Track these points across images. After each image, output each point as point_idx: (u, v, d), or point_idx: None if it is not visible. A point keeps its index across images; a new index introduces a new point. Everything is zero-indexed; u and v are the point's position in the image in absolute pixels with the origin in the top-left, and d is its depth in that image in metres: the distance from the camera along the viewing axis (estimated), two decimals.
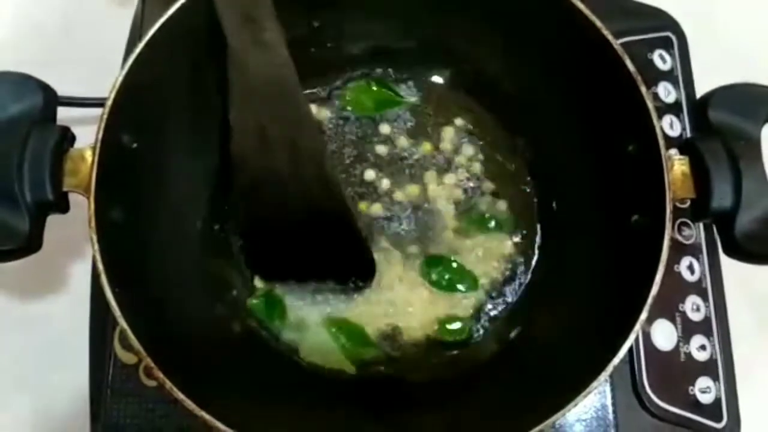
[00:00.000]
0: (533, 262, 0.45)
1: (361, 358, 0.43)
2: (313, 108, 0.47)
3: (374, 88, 0.48)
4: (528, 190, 0.46)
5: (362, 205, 0.46)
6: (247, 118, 0.39)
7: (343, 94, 0.48)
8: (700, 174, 0.35)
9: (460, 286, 0.44)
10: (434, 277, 0.44)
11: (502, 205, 0.46)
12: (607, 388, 0.41)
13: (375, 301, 0.44)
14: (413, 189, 0.46)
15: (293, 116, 0.40)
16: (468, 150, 0.47)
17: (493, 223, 0.46)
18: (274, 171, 0.40)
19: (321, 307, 0.44)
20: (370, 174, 0.47)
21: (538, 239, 0.46)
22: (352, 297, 0.44)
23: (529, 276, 0.45)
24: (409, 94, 0.48)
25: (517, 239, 0.46)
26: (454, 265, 0.45)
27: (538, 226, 0.46)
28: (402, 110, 0.48)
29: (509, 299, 0.44)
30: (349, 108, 0.48)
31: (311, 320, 0.43)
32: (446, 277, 0.44)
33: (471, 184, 0.47)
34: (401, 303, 0.44)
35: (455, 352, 0.43)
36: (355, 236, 0.42)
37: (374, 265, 0.43)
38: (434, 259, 0.45)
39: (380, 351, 0.43)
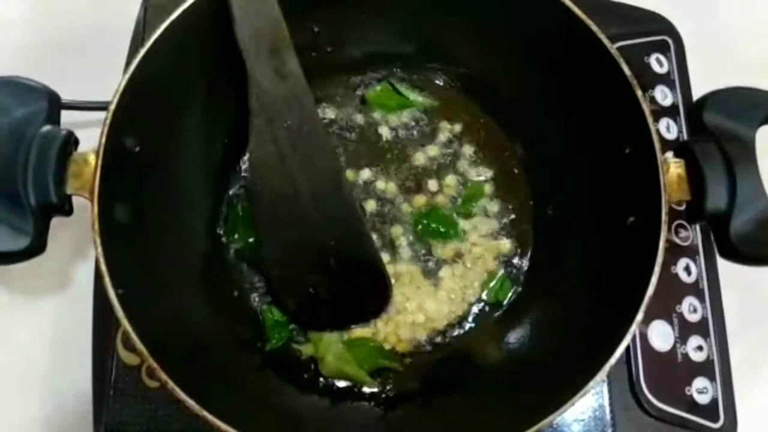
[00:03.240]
0: (530, 263, 0.46)
1: (379, 369, 0.43)
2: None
3: (396, 91, 0.49)
4: (525, 192, 0.47)
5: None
6: (268, 145, 0.40)
7: (369, 94, 0.49)
8: (695, 176, 0.36)
9: (443, 229, 0.46)
10: (420, 227, 0.46)
11: (498, 205, 0.47)
12: (605, 388, 0.41)
13: (388, 317, 0.44)
14: (410, 188, 0.47)
15: (312, 139, 0.41)
16: (466, 151, 0.48)
17: (490, 224, 0.46)
18: (294, 196, 0.41)
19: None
20: (365, 173, 0.47)
21: (534, 240, 0.46)
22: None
23: (525, 276, 0.45)
24: (410, 96, 0.49)
25: (513, 239, 0.46)
26: (439, 213, 0.46)
27: (535, 227, 0.46)
28: (409, 111, 0.48)
29: (506, 299, 0.45)
30: (375, 106, 0.49)
31: (331, 340, 0.43)
32: (432, 224, 0.46)
33: (469, 185, 0.47)
34: (411, 309, 0.45)
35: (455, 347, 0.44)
36: (372, 257, 0.43)
37: (391, 290, 0.44)
38: (422, 214, 0.46)
39: (398, 362, 0.43)
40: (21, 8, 0.55)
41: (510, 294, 0.45)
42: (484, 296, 0.45)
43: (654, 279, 0.34)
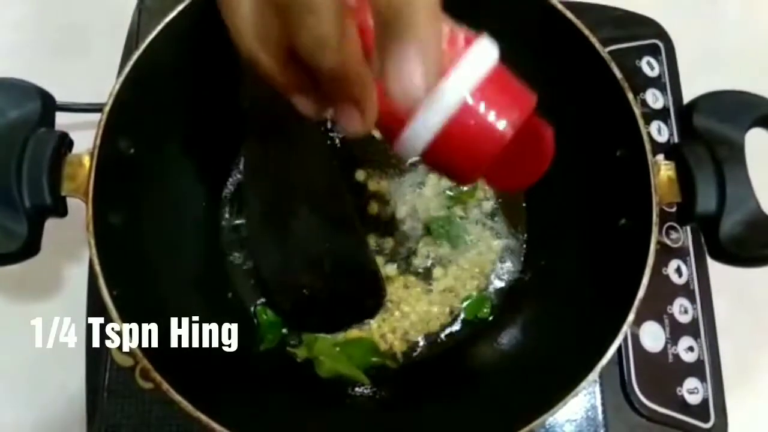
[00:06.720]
0: (522, 265, 0.46)
1: (373, 366, 0.43)
2: None
3: None
4: (518, 194, 0.47)
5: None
6: (263, 146, 0.41)
7: None
8: (685, 179, 0.36)
9: (451, 233, 0.46)
10: (434, 226, 0.46)
11: (491, 207, 0.47)
12: (597, 389, 0.42)
13: (382, 317, 0.45)
14: (404, 192, 0.47)
15: (307, 140, 0.41)
16: None
17: (483, 226, 0.47)
18: (289, 197, 0.41)
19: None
20: (360, 174, 0.47)
21: (526, 242, 0.46)
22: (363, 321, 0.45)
23: (517, 278, 0.46)
24: None
25: (505, 241, 0.46)
26: (455, 221, 0.46)
27: (527, 229, 0.46)
28: None
29: (499, 300, 0.45)
30: None
31: (325, 341, 0.44)
32: (443, 227, 0.46)
33: (461, 187, 0.47)
34: (404, 309, 0.45)
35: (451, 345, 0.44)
36: (366, 258, 0.43)
37: (385, 292, 0.44)
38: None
39: (393, 361, 0.44)
40: (16, 9, 0.55)
41: (488, 312, 0.45)
42: (464, 311, 0.45)
43: (645, 280, 0.34)
